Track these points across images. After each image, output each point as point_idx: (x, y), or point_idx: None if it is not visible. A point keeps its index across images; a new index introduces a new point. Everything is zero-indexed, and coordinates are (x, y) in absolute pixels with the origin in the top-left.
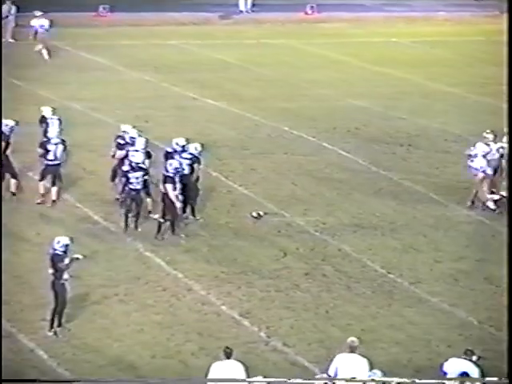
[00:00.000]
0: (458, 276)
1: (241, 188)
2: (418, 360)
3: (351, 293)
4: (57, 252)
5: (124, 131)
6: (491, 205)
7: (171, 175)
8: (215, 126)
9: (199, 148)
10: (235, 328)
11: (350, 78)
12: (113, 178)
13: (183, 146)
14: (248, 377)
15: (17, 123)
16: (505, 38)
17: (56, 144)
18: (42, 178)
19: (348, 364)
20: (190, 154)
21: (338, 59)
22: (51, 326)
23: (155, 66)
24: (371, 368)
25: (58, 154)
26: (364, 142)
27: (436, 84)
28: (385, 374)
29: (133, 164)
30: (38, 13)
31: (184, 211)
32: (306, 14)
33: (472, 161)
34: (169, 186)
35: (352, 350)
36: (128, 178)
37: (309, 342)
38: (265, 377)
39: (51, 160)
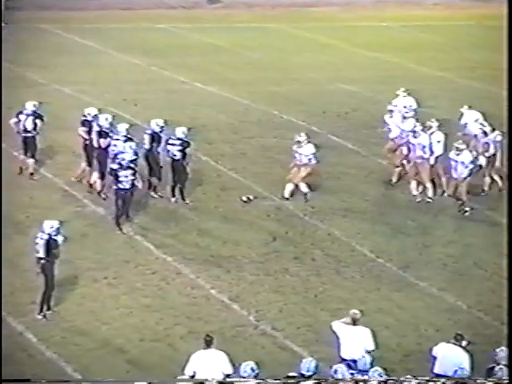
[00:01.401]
0: (447, 260)
1: (230, 172)
2: (406, 344)
3: (340, 277)
4: (53, 237)
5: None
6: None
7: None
8: (205, 109)
9: (186, 131)
10: (224, 312)
11: (339, 62)
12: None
13: (94, 116)
14: (232, 366)
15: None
16: (505, 32)
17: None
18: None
19: (351, 335)
20: (179, 139)
21: (327, 43)
22: (41, 310)
23: (144, 49)
24: (375, 339)
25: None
26: (353, 126)
27: (426, 68)
28: (373, 359)
29: (123, 162)
30: None
31: (173, 195)
32: None
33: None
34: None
35: (355, 321)
36: (117, 177)
37: (298, 325)
38: (256, 363)
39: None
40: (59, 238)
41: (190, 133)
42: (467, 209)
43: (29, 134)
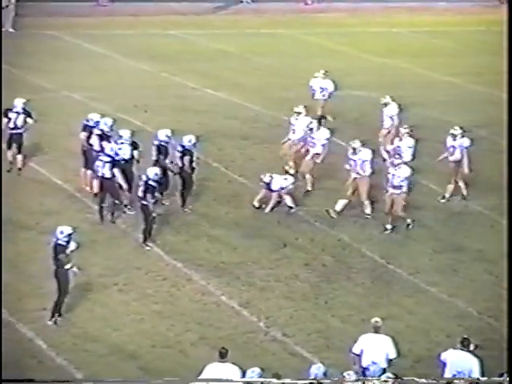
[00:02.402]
0: (457, 266)
1: (240, 178)
2: (417, 350)
3: (350, 283)
4: (59, 242)
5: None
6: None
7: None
8: (215, 115)
9: (192, 139)
10: (235, 318)
11: (348, 68)
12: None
13: (96, 122)
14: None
15: None
16: (505, 30)
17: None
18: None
19: (373, 344)
20: (182, 146)
21: (337, 49)
22: (52, 316)
23: (154, 55)
24: (396, 347)
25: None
26: (362, 131)
27: (435, 74)
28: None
29: (155, 179)
30: None
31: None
32: (306, 4)
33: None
34: (116, 171)
35: (376, 330)
36: (154, 194)
37: (308, 332)
38: (262, 370)
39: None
40: (72, 245)
41: (199, 140)
42: (409, 221)
43: (18, 131)
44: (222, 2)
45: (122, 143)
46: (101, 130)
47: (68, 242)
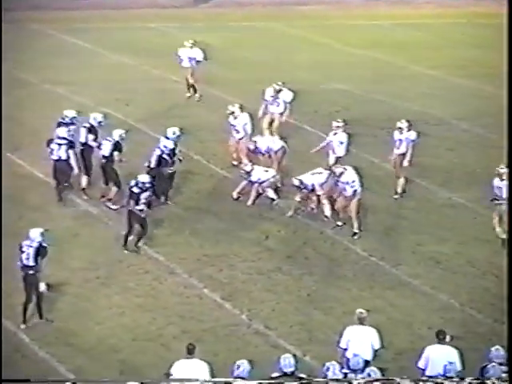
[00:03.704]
0: (440, 259)
1: (222, 171)
2: (399, 342)
3: (333, 276)
4: (43, 244)
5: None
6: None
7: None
8: (196, 109)
9: (177, 132)
10: (217, 311)
11: (330, 61)
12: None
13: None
14: (212, 376)
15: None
16: (504, 31)
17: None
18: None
19: (358, 335)
20: (166, 138)
21: (319, 42)
22: (24, 320)
23: (136, 49)
24: (381, 338)
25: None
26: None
27: (417, 66)
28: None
29: (144, 185)
30: None
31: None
32: None
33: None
34: (71, 152)
35: (361, 321)
36: (138, 200)
37: (290, 324)
38: (250, 361)
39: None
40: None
41: (183, 132)
42: (356, 231)
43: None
44: None
45: (105, 139)
46: (90, 123)
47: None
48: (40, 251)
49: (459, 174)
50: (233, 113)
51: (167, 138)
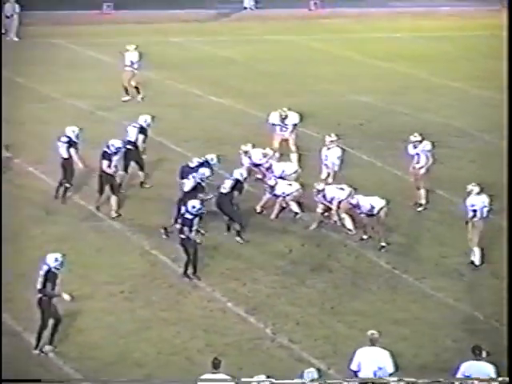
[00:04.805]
0: (464, 271)
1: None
2: (423, 355)
3: (357, 288)
4: (52, 270)
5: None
6: None
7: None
8: (219, 123)
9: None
10: (241, 325)
11: (353, 74)
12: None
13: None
14: None
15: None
16: (505, 34)
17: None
18: None
19: (370, 358)
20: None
21: (341, 55)
22: (37, 346)
23: (158, 63)
24: (394, 360)
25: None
26: (368, 137)
27: (439, 79)
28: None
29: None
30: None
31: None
32: (310, 9)
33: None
34: (72, 151)
35: (373, 342)
36: (191, 225)
37: (315, 338)
38: (268, 377)
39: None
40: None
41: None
42: (383, 244)
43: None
44: (226, 9)
45: (131, 125)
46: (140, 124)
47: (59, 270)
48: (48, 276)
49: (481, 186)
50: (246, 152)
51: (207, 164)
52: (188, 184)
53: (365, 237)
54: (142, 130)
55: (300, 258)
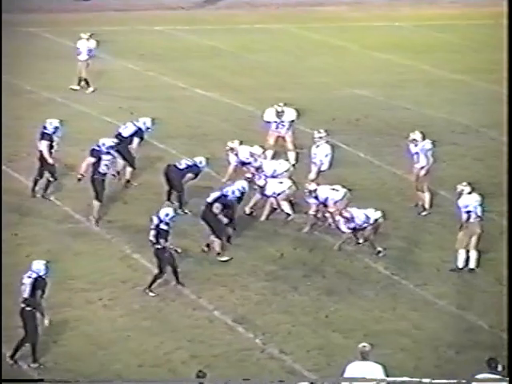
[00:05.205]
0: (467, 277)
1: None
2: (424, 366)
3: (353, 296)
4: (42, 276)
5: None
6: None
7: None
8: (206, 117)
9: (204, 162)
10: (229, 334)
11: (349, 66)
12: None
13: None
14: None
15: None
16: (505, 31)
17: None
18: None
19: (361, 373)
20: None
21: (336, 45)
22: (12, 356)
23: (141, 53)
24: (387, 375)
25: None
26: (365, 133)
27: (442, 71)
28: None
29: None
30: None
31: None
32: None
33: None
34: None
35: (364, 356)
36: (167, 236)
37: (308, 348)
38: None
39: None
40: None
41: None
42: (379, 249)
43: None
44: None
45: (131, 122)
46: (138, 127)
47: (47, 277)
48: (37, 284)
49: (486, 185)
50: (232, 149)
51: (195, 167)
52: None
53: (361, 240)
54: (139, 133)
55: (292, 262)
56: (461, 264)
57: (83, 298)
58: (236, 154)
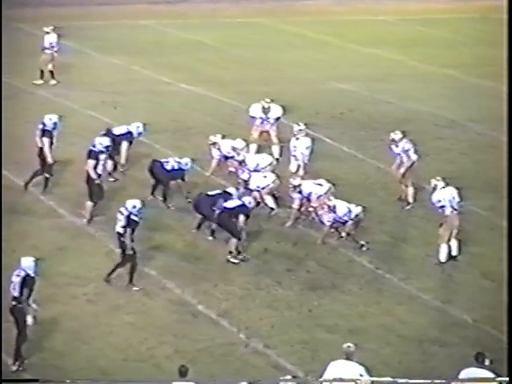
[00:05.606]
0: (452, 271)
1: (217, 178)
2: (409, 362)
3: (337, 290)
4: (31, 275)
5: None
6: None
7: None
8: (190, 111)
9: (189, 164)
10: (213, 329)
11: (333, 60)
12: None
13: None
14: None
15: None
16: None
17: None
18: None
19: (342, 372)
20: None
21: (320, 39)
22: (15, 360)
23: (125, 48)
24: (370, 375)
25: None
26: (349, 127)
27: (428, 65)
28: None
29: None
30: None
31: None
32: None
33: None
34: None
35: (348, 356)
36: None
37: (292, 343)
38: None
39: None
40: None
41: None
42: (362, 243)
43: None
44: None
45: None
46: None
47: (37, 276)
48: (26, 281)
49: (472, 180)
50: (215, 144)
51: (180, 171)
52: (120, 223)
53: (343, 234)
54: (129, 136)
55: (276, 257)
56: (443, 258)
57: (68, 294)
58: (219, 149)
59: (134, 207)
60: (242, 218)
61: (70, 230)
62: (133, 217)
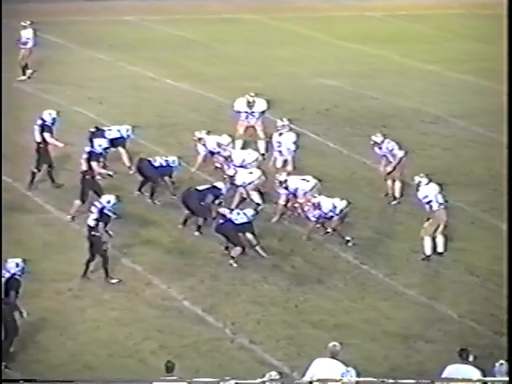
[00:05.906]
0: (437, 267)
1: (203, 174)
2: (394, 357)
3: (322, 286)
4: (16, 276)
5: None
6: None
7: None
8: (175, 107)
9: (176, 162)
10: (198, 325)
11: (319, 56)
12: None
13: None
14: None
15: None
16: (505, 23)
17: None
18: None
19: (326, 371)
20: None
21: (306, 35)
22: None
23: (110, 43)
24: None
25: None
26: (335, 123)
27: (413, 61)
28: (359, 374)
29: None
30: None
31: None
32: None
33: None
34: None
35: (333, 355)
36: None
37: (277, 338)
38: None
39: None
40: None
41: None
42: (348, 238)
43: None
44: None
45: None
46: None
47: (21, 276)
48: (11, 283)
49: (457, 175)
50: (200, 139)
51: (168, 168)
52: (92, 216)
53: (329, 230)
54: (122, 141)
55: (261, 252)
56: (428, 251)
57: (53, 289)
58: (204, 144)
59: (109, 202)
60: (249, 236)
61: (54, 226)
62: (106, 211)
